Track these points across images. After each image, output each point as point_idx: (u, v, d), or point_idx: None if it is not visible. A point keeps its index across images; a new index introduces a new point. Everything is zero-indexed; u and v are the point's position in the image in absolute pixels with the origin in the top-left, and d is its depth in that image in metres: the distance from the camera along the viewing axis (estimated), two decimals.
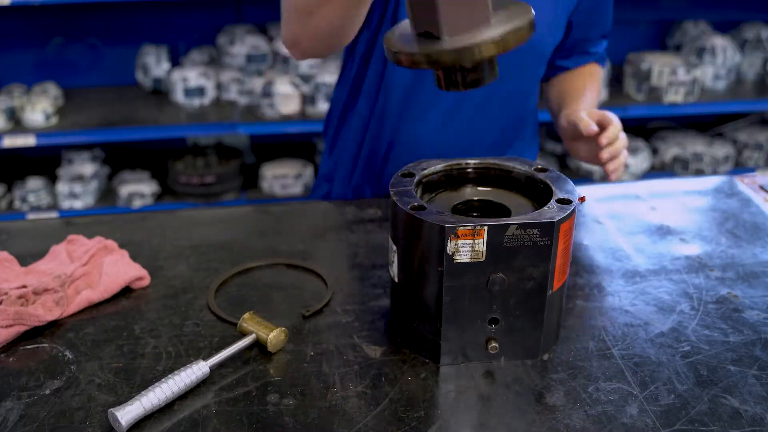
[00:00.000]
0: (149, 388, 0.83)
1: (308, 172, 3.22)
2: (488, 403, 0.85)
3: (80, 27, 3.17)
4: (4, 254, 1.11)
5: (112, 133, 2.89)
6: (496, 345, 0.89)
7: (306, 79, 3.00)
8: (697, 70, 3.04)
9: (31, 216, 2.95)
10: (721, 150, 3.33)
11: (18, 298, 0.99)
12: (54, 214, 2.98)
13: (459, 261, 0.84)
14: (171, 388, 0.84)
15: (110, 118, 2.93)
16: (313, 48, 1.16)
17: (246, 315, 0.95)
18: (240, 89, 3.07)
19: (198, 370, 0.86)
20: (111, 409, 0.80)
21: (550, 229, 0.84)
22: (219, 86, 3.11)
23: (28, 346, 0.95)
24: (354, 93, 1.40)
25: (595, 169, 3.22)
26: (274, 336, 0.92)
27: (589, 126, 1.21)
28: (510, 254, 0.84)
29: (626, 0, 3.34)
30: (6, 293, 1.00)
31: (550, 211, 0.86)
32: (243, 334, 0.94)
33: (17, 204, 3.04)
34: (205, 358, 0.88)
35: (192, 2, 3.15)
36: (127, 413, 0.80)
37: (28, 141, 2.82)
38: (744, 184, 1.43)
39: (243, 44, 3.10)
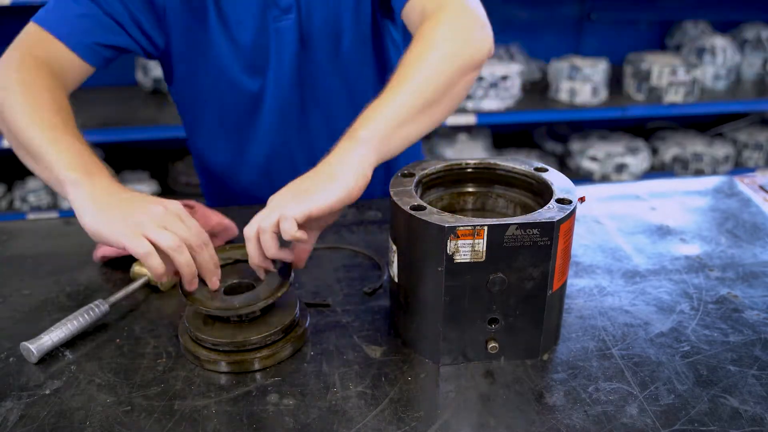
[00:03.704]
0: (56, 325, 0.94)
1: None
2: (488, 403, 0.85)
3: None
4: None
5: (112, 133, 2.88)
6: (496, 345, 0.89)
7: None
8: (697, 70, 3.04)
9: (31, 216, 2.95)
10: (721, 150, 3.33)
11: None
12: (54, 214, 2.98)
13: (459, 261, 0.84)
14: (75, 324, 0.95)
15: (110, 118, 2.93)
16: None
17: (135, 263, 1.08)
18: None
19: (96, 307, 0.98)
20: (23, 342, 0.91)
21: (550, 229, 0.84)
22: None
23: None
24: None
25: (595, 168, 3.22)
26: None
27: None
28: (510, 254, 0.84)
29: (626, 0, 3.36)
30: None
31: (550, 211, 0.86)
32: (136, 278, 1.06)
33: (17, 204, 3.03)
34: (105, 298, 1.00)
35: None
36: (39, 345, 0.91)
37: None
38: (744, 184, 1.43)
39: None
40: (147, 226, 0.88)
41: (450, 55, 0.98)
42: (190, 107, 1.36)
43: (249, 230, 0.90)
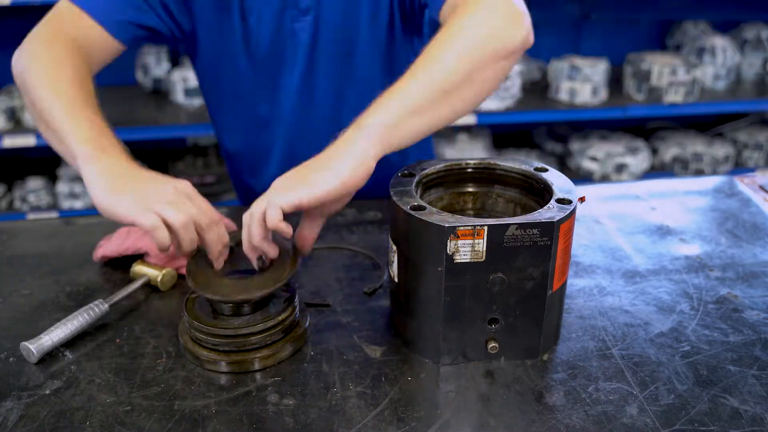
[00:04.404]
0: (56, 325, 0.94)
1: None
2: (488, 403, 0.85)
3: None
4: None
5: None
6: (496, 345, 0.89)
7: None
8: (697, 70, 3.04)
9: (31, 216, 2.95)
10: (721, 150, 3.33)
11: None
12: (54, 214, 2.98)
13: (459, 261, 0.84)
14: (75, 324, 0.95)
15: (110, 118, 2.91)
16: None
17: (135, 263, 1.08)
18: None
19: (96, 307, 0.98)
20: (23, 342, 0.91)
21: (550, 229, 0.84)
22: None
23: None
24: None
25: (595, 168, 3.22)
26: (164, 275, 1.06)
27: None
28: (510, 254, 0.84)
29: (626, 0, 3.36)
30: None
31: (550, 211, 0.86)
32: (136, 278, 1.07)
33: (17, 204, 3.03)
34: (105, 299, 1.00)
35: None
36: (39, 345, 0.91)
37: (28, 141, 2.82)
38: (744, 184, 1.43)
39: None
40: (156, 203, 0.88)
41: (473, 41, 0.94)
42: (213, 91, 1.35)
43: (245, 215, 0.90)
